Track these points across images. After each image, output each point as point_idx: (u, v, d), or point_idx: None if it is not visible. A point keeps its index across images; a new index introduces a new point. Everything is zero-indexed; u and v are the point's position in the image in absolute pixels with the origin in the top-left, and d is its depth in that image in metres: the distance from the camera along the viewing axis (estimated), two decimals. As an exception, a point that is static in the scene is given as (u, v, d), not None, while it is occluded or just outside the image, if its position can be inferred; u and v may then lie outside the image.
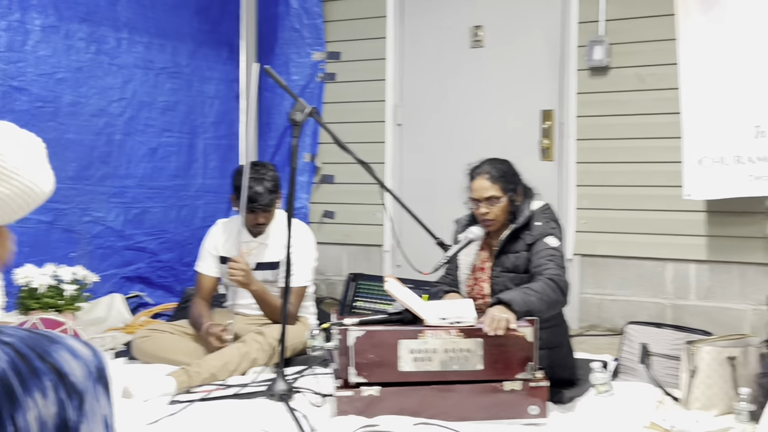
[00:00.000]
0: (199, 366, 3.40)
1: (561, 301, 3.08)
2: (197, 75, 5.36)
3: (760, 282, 4.49)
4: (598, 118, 4.93)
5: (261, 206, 3.73)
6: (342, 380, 2.98)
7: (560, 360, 3.34)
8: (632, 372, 3.55)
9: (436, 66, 5.44)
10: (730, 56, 4.24)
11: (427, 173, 5.46)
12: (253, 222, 3.81)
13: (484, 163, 3.43)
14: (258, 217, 3.78)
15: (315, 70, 5.69)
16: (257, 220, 3.79)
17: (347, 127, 5.49)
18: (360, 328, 2.97)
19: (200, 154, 5.39)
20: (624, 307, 4.91)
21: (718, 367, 3.12)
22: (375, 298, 4.78)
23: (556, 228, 3.33)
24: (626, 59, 4.83)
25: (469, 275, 3.47)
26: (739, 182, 4.21)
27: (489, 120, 5.28)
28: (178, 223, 5.22)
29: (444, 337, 2.94)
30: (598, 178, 4.95)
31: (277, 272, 3.86)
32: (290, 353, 3.72)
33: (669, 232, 4.76)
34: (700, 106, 4.33)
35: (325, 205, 5.76)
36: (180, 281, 5.17)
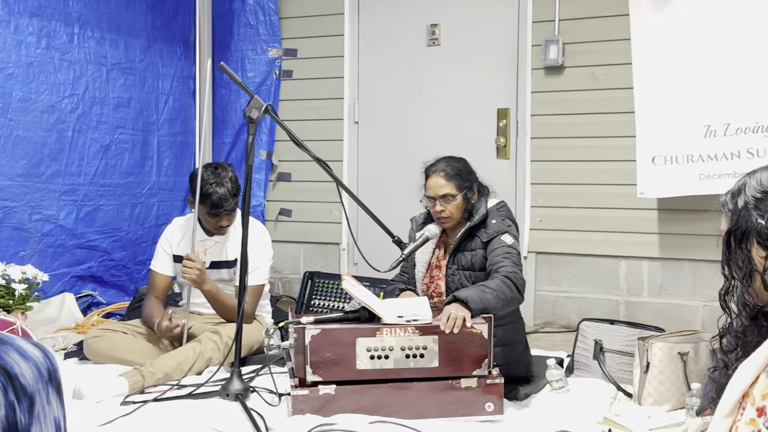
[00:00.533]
0: (152, 366, 3.37)
1: (517, 298, 3.11)
2: (151, 71, 5.30)
3: (711, 279, 4.57)
4: (553, 117, 4.98)
5: (226, 211, 3.71)
6: (298, 379, 2.97)
7: (516, 357, 3.37)
8: (586, 368, 3.59)
9: (393, 64, 5.44)
10: (682, 56, 4.32)
11: (384, 171, 5.47)
12: (216, 225, 3.79)
13: (440, 161, 3.45)
14: (222, 220, 3.76)
15: (271, 67, 5.66)
16: (221, 223, 3.77)
17: (304, 125, 5.47)
18: (316, 326, 2.96)
19: (154, 151, 5.33)
20: (578, 304, 4.97)
21: (669, 362, 3.18)
22: (332, 297, 4.77)
23: (511, 226, 3.35)
24: (580, 59, 4.88)
25: (426, 273, 3.48)
26: (690, 181, 4.29)
27: (445, 118, 5.30)
28: (132, 221, 5.16)
29: (401, 335, 2.95)
30: (553, 177, 5.00)
31: (233, 271, 3.84)
32: (246, 352, 3.71)
33: (623, 229, 4.83)
34: (653, 105, 4.40)
35: (281, 203, 5.74)
36: (133, 280, 5.11)
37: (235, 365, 3.22)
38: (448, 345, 2.96)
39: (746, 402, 1.72)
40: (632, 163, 4.50)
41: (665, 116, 4.35)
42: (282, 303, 5.41)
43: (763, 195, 1.84)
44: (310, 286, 4.86)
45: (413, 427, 2.81)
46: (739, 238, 1.87)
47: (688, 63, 4.30)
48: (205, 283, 3.67)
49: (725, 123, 4.18)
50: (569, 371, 3.65)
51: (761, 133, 4.08)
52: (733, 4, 4.16)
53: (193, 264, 3.61)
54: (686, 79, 4.30)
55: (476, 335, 2.96)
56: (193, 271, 3.60)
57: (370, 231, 4.40)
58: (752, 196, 1.86)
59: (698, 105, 4.26)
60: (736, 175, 4.08)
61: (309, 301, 4.80)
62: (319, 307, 4.75)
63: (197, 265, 3.61)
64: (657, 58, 4.38)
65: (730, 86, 4.17)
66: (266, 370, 3.47)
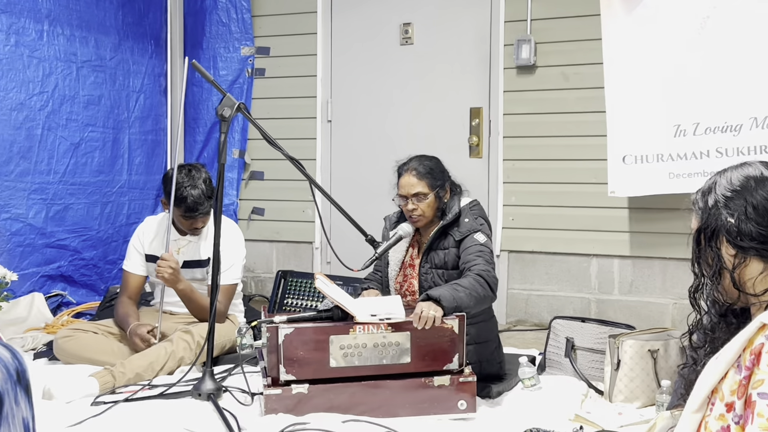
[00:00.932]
0: (123, 366, 3.34)
1: (489, 296, 3.12)
2: (122, 68, 5.25)
3: (681, 277, 4.62)
4: (525, 116, 5.00)
5: (200, 213, 3.69)
6: (271, 378, 2.96)
7: (488, 355, 3.38)
8: (558, 366, 3.62)
9: (367, 63, 5.44)
10: (652, 57, 4.35)
11: (357, 170, 5.47)
12: (190, 227, 3.77)
13: (412, 159, 3.45)
14: (196, 222, 3.74)
15: (244, 65, 5.63)
16: (195, 225, 3.75)
17: (277, 123, 5.45)
18: (289, 325, 2.96)
19: (125, 149, 5.28)
20: (550, 302, 5.00)
21: (640, 360, 3.21)
22: (305, 296, 4.76)
23: (484, 224, 3.37)
24: (552, 58, 4.91)
25: (399, 272, 3.49)
26: (660, 180, 4.33)
27: (418, 117, 5.31)
28: (102, 220, 5.11)
29: (374, 333, 2.95)
30: (525, 176, 5.02)
31: (206, 270, 3.82)
32: (218, 352, 3.69)
33: (594, 228, 4.87)
34: (624, 105, 4.43)
35: (254, 202, 5.71)
36: (104, 279, 5.06)
37: (207, 365, 3.20)
38: (420, 341, 2.96)
39: (715, 398, 1.74)
40: (603, 162, 4.53)
41: (635, 116, 4.39)
42: (255, 302, 5.39)
43: (732, 194, 1.86)
44: (283, 285, 4.84)
45: (386, 426, 2.81)
46: (708, 236, 1.89)
47: (658, 63, 4.34)
48: (179, 282, 3.65)
49: (694, 123, 4.23)
50: (541, 369, 3.67)
51: (730, 132, 4.13)
52: (701, 5, 4.20)
53: (166, 263, 3.58)
54: (656, 79, 4.34)
55: (447, 330, 2.97)
56: (167, 270, 3.58)
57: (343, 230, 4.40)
58: (722, 194, 1.88)
59: (668, 105, 4.30)
60: (705, 174, 4.13)
61: (282, 300, 4.78)
62: (292, 306, 4.74)
63: (171, 264, 3.59)
64: (627, 58, 4.42)
65: (700, 86, 4.22)
66: (239, 369, 3.46)
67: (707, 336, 1.98)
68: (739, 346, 1.70)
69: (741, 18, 4.10)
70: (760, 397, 1.60)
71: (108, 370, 3.32)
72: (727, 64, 4.14)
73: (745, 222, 1.83)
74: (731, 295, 1.89)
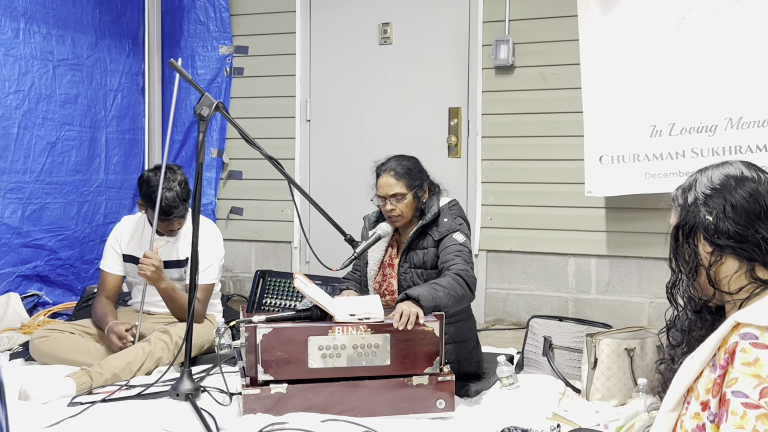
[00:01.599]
0: (100, 366, 3.32)
1: (468, 296, 3.13)
2: (99, 67, 5.21)
3: (658, 276, 4.66)
4: (503, 116, 5.02)
5: (176, 216, 3.67)
6: (249, 378, 2.95)
7: (467, 354, 3.39)
8: (536, 365, 3.63)
9: (345, 62, 5.44)
10: (629, 57, 4.38)
11: (336, 169, 5.46)
12: (166, 229, 3.75)
13: (390, 160, 3.46)
14: (172, 225, 3.72)
15: (222, 64, 5.61)
16: (171, 227, 3.73)
17: (256, 123, 5.44)
18: (268, 325, 2.95)
19: (102, 148, 5.24)
20: (528, 301, 5.03)
21: (617, 358, 3.23)
22: (283, 295, 4.75)
23: (463, 224, 3.37)
24: (530, 59, 4.93)
25: (378, 271, 3.49)
26: (636, 180, 4.36)
27: (397, 117, 5.31)
28: (79, 219, 5.07)
29: (353, 333, 2.95)
30: (503, 175, 5.04)
31: (184, 270, 3.80)
32: (197, 352, 3.68)
33: (571, 227, 4.89)
34: (601, 105, 4.46)
35: (232, 202, 5.69)
36: (81, 279, 5.03)
37: (186, 365, 3.19)
38: (400, 343, 2.97)
39: (691, 396, 1.75)
40: (580, 162, 4.56)
41: (612, 116, 4.42)
42: (233, 302, 5.37)
43: (712, 192, 1.88)
44: (261, 285, 4.83)
45: (365, 425, 2.81)
46: (686, 233, 1.91)
47: (635, 64, 4.37)
48: (162, 280, 3.63)
49: (670, 123, 4.26)
50: (519, 368, 3.69)
51: (705, 133, 4.17)
52: (677, 6, 4.24)
53: (150, 261, 3.57)
54: (633, 79, 4.37)
55: (428, 333, 2.97)
56: (149, 268, 3.56)
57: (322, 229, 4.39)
58: (702, 192, 1.89)
59: (644, 105, 4.33)
60: (681, 174, 4.17)
61: (260, 299, 4.77)
62: (271, 306, 4.73)
63: (154, 262, 3.57)
64: (604, 59, 4.45)
65: (676, 87, 4.25)
66: (217, 369, 3.45)
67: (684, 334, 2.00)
68: (713, 345, 1.72)
69: (716, 19, 4.14)
70: (734, 395, 1.62)
71: (85, 370, 3.29)
72: (703, 65, 4.18)
73: (723, 220, 1.84)
74: (707, 292, 1.91)
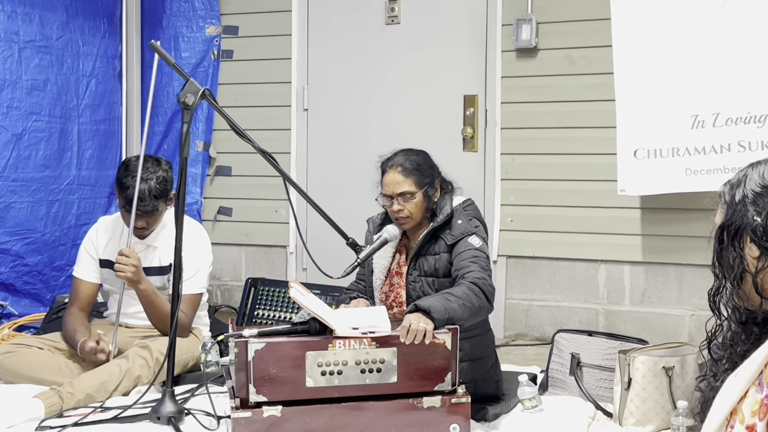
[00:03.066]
0: (72, 386, 3.33)
1: (485, 307, 3.13)
2: (70, 50, 5.22)
3: (699, 285, 4.65)
4: (525, 105, 5.02)
5: (142, 212, 3.67)
6: (239, 399, 2.96)
7: (484, 373, 3.39)
8: (562, 385, 3.64)
9: (348, 44, 5.44)
10: (667, 39, 4.37)
11: (337, 165, 5.47)
12: (133, 223, 3.73)
13: (397, 154, 3.46)
14: (138, 221, 3.70)
15: (209, 47, 5.63)
16: (137, 224, 3.71)
17: (247, 112, 5.45)
18: (260, 339, 2.96)
19: (74, 141, 5.25)
20: (553, 313, 5.03)
21: (653, 378, 3.23)
22: (278, 306, 4.76)
23: (479, 227, 3.38)
24: (556, 40, 4.93)
25: (384, 280, 3.50)
26: (675, 177, 4.36)
27: (406, 106, 5.32)
28: (48, 221, 5.09)
29: (356, 348, 2.96)
30: (526, 171, 5.04)
31: (167, 278, 3.81)
32: (180, 369, 3.68)
33: (602, 230, 4.89)
34: (636, 92, 4.45)
35: (220, 201, 5.71)
36: (50, 288, 5.04)
37: (168, 384, 3.20)
38: (408, 358, 2.97)
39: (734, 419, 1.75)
40: (612, 157, 4.56)
41: (649, 105, 4.41)
42: (221, 314, 5.38)
43: (762, 190, 1.87)
44: (253, 295, 4.84)
45: (369, 452, 2.82)
46: (732, 235, 1.90)
47: (674, 46, 4.35)
48: (141, 282, 3.63)
49: (714, 113, 4.26)
50: (543, 388, 3.69)
51: (753, 123, 4.16)
52: (722, -19, 4.24)
53: (128, 260, 3.57)
54: (672, 64, 4.36)
55: (439, 346, 2.98)
56: (129, 268, 3.56)
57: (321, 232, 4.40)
58: (751, 189, 1.88)
59: (685, 93, 4.32)
60: (726, 170, 4.16)
61: (252, 311, 4.78)
62: (264, 318, 4.74)
63: (133, 261, 3.58)
64: (640, 41, 4.44)
65: (720, 72, 4.24)
66: (203, 389, 3.46)
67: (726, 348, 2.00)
68: (760, 362, 1.72)
69: (766, -4, 4.14)
70: (784, 418, 1.62)
71: (55, 390, 3.30)
72: (749, 49, 4.17)
73: (773, 222, 1.84)
74: (752, 302, 1.90)
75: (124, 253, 3.59)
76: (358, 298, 3.51)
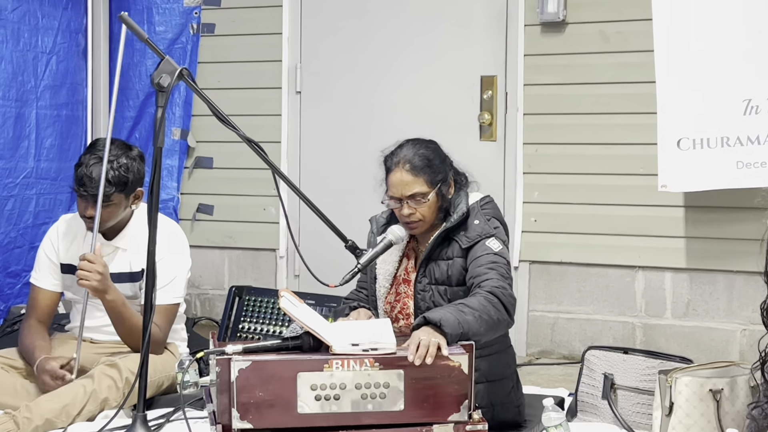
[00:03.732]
0: (29, 410, 3.32)
1: (505, 320, 3.12)
2: (27, 23, 5.21)
3: (752, 295, 4.64)
4: (551, 87, 5.01)
5: (87, 194, 3.65)
6: (221, 426, 2.95)
7: (503, 397, 3.39)
8: (593, 410, 3.63)
9: (348, 18, 5.44)
10: (715, 10, 4.36)
11: (335, 156, 5.47)
12: (82, 212, 3.72)
13: (402, 147, 3.43)
14: (87, 207, 3.68)
15: (187, 20, 5.63)
16: (86, 211, 3.70)
17: (230, 95, 5.45)
18: (245, 357, 2.95)
19: (32, 128, 5.25)
20: (583, 327, 5.02)
21: (699, 403, 3.22)
22: (266, 319, 4.76)
23: (499, 228, 3.37)
24: (587, 12, 4.92)
25: (390, 289, 3.49)
26: (725, 170, 4.34)
27: (414, 88, 5.32)
28: (2, 219, 5.09)
29: (356, 369, 2.95)
30: (551, 164, 5.04)
31: (137, 286, 3.81)
32: (153, 391, 3.68)
33: (640, 232, 4.88)
34: (679, 72, 4.44)
35: (200, 197, 5.71)
36: (4, 297, 5.05)
37: (139, 408, 3.20)
38: (417, 382, 2.96)
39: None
40: (652, 148, 4.55)
41: (694, 88, 4.40)
42: (200, 327, 5.38)
43: (817, 189, 1.87)
44: (237, 305, 4.84)
45: (371, 488, 2.82)
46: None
47: (723, 19, 4.34)
48: (108, 291, 3.62)
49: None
50: (572, 414, 3.69)
51: (815, 110, 4.16)
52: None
53: (92, 266, 3.56)
54: (721, 40, 4.35)
55: (453, 369, 2.97)
56: (94, 276, 3.55)
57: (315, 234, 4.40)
58: (805, 189, 1.88)
59: (736, 73, 4.31)
60: (783, 163, 4.16)
61: (236, 324, 4.78)
62: (250, 333, 4.74)
63: (98, 268, 3.57)
64: (684, 15, 4.42)
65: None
66: (179, 414, 3.45)
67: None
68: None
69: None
70: None
71: (10, 415, 3.30)
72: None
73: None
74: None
75: (87, 258, 3.57)
76: (359, 309, 3.50)
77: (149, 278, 3.24)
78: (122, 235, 3.86)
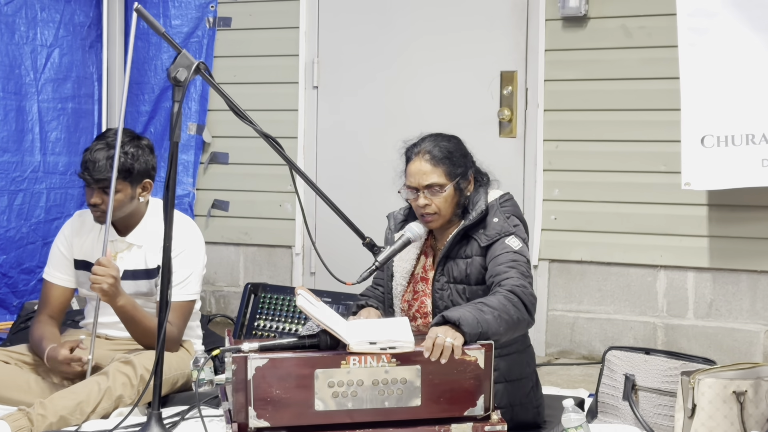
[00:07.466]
0: (44, 407, 3.34)
1: (524, 320, 3.13)
2: (24, 16, 5.17)
3: (776, 296, 4.65)
4: (572, 83, 5.01)
5: (91, 176, 3.66)
6: (237, 424, 2.97)
7: (522, 397, 3.39)
8: (614, 411, 3.63)
9: (365, 12, 5.44)
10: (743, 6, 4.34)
11: (352, 152, 5.47)
12: (87, 199, 3.74)
13: (425, 139, 3.45)
14: (92, 195, 3.71)
15: (203, 13, 5.64)
16: (90, 199, 3.72)
17: (247, 90, 5.46)
18: (262, 355, 2.96)
19: (34, 121, 5.22)
20: (604, 327, 5.02)
21: (722, 405, 3.22)
22: (282, 317, 4.77)
23: (519, 226, 3.37)
24: (609, 7, 4.91)
25: (407, 287, 3.50)
26: (750, 168, 4.33)
27: (432, 83, 5.32)
28: (12, 215, 5.09)
29: (373, 366, 2.96)
30: (572, 161, 5.03)
31: (154, 282, 3.82)
32: (169, 389, 3.70)
33: (662, 231, 4.87)
34: (704, 68, 4.43)
35: (216, 193, 5.72)
36: (18, 293, 5.06)
37: (154, 406, 3.21)
38: (434, 378, 2.97)
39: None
40: (675, 145, 4.54)
41: (719, 84, 4.39)
42: (216, 324, 5.40)
43: None
44: (253, 303, 4.85)
45: (389, 488, 2.83)
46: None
47: (749, 12, 4.33)
48: (119, 296, 3.64)
49: (797, 93, 4.24)
50: (592, 415, 3.69)
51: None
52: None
53: (105, 270, 3.57)
54: (746, 34, 4.33)
55: (470, 364, 2.98)
56: (106, 280, 3.56)
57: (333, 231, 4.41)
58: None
59: (762, 70, 4.30)
60: (810, 161, 4.15)
61: (251, 321, 4.79)
62: (265, 330, 4.75)
63: (111, 272, 3.58)
64: (709, 9, 4.41)
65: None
66: (195, 412, 3.47)
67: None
68: None
69: None
70: None
71: (23, 411, 3.32)
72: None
73: None
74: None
75: (101, 262, 3.58)
76: (368, 307, 3.52)
77: (164, 275, 3.25)
78: (136, 231, 3.87)
